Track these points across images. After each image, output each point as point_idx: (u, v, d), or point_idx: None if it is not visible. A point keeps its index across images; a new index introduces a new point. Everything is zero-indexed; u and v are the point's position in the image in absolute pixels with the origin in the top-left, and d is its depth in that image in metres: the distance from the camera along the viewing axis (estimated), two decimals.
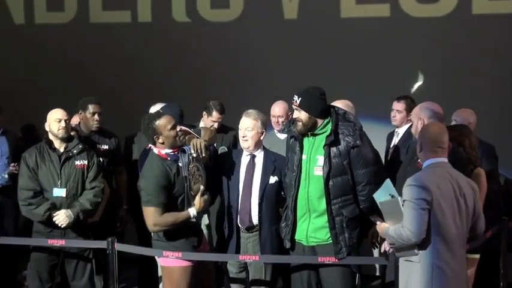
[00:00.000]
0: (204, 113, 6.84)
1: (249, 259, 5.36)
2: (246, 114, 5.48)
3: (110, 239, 5.55)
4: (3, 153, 7.11)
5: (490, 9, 7.79)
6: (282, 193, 5.44)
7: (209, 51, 8.46)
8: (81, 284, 5.90)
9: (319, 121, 5.10)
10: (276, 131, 6.65)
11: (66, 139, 5.83)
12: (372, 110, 7.73)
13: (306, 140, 5.17)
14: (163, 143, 5.08)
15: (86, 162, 5.84)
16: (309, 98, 5.08)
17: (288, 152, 5.29)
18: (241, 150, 5.58)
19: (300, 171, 5.14)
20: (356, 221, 5.10)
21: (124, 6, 8.78)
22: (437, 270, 4.32)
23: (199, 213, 5.16)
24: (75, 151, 5.82)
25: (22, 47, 8.97)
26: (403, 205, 4.34)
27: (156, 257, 5.90)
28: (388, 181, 4.49)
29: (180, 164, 5.12)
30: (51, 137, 5.84)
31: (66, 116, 5.89)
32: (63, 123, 5.79)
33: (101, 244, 5.63)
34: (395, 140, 6.68)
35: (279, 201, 5.45)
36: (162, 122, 5.06)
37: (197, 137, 5.36)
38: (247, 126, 5.42)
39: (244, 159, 5.49)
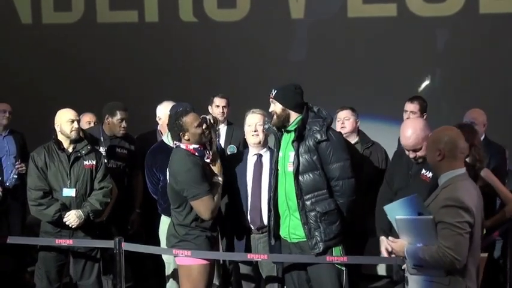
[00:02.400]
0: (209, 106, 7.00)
1: (258, 258, 5.36)
2: (253, 112, 5.53)
3: (117, 239, 5.55)
4: (10, 153, 7.18)
5: (497, 8, 7.77)
6: None
7: (216, 51, 8.47)
8: (88, 283, 5.89)
9: (293, 115, 5.14)
10: None
11: (77, 140, 5.84)
12: (379, 109, 7.73)
13: (284, 137, 5.23)
14: (188, 140, 5.12)
15: (94, 162, 5.83)
16: (283, 90, 5.16)
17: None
18: (247, 151, 5.59)
19: (277, 169, 5.20)
20: (333, 215, 5.07)
21: (131, 6, 8.79)
22: None
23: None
24: (83, 151, 5.82)
25: (29, 47, 8.99)
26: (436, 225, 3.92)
27: (163, 257, 5.93)
28: (414, 197, 4.02)
29: (206, 160, 5.17)
30: (60, 137, 5.82)
31: (78, 116, 5.89)
32: (76, 124, 5.78)
33: (109, 244, 5.65)
34: None
35: None
36: (188, 119, 5.11)
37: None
38: (258, 121, 5.46)
39: (251, 159, 5.50)
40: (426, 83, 7.99)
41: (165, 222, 5.75)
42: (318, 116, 5.14)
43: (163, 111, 6.32)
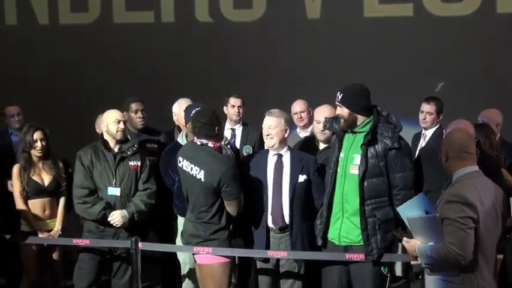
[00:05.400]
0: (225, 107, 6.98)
1: (277, 255, 5.35)
2: (269, 113, 5.49)
3: (133, 239, 5.57)
4: None
5: None
6: None
7: (232, 51, 8.48)
8: (121, 282, 5.94)
9: (360, 118, 5.05)
10: (298, 131, 6.64)
11: (122, 140, 5.88)
12: (395, 110, 7.67)
13: (346, 138, 5.14)
14: (218, 135, 5.24)
15: (139, 163, 5.88)
16: (349, 93, 5.07)
17: (330, 148, 5.30)
18: (267, 151, 5.56)
19: (336, 169, 5.12)
20: (390, 223, 5.02)
21: (147, 7, 8.82)
22: None
23: None
24: (129, 152, 5.87)
25: (46, 47, 9.04)
26: (442, 223, 4.00)
27: (179, 257, 5.94)
28: (421, 196, 4.17)
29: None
30: (106, 137, 5.87)
31: (124, 117, 5.95)
32: (122, 125, 5.84)
33: (125, 244, 5.67)
34: (422, 143, 6.64)
35: (309, 200, 5.42)
36: (218, 115, 5.29)
37: None
38: (271, 124, 5.42)
39: (271, 159, 5.47)
40: (441, 84, 7.94)
41: (182, 223, 5.74)
42: (387, 122, 5.06)
43: (179, 108, 6.35)
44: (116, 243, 5.82)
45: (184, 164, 5.28)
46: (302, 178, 5.36)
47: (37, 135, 6.01)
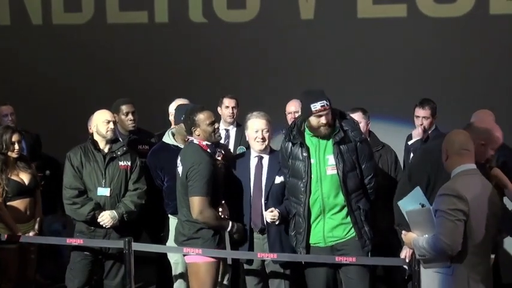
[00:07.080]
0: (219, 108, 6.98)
1: (267, 257, 5.36)
2: (257, 116, 5.47)
3: (126, 239, 5.56)
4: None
5: (507, 9, 7.73)
6: None
7: (225, 52, 8.47)
8: (113, 284, 5.97)
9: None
10: None
11: (113, 140, 5.87)
12: (389, 111, 7.71)
13: (309, 144, 5.18)
14: (199, 135, 5.23)
15: (129, 163, 5.89)
16: (329, 99, 5.15)
17: (288, 160, 5.24)
18: (248, 153, 5.56)
19: (310, 176, 5.12)
20: (369, 214, 5.16)
21: (141, 7, 8.80)
22: (473, 283, 4.16)
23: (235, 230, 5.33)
24: (119, 152, 5.88)
25: (39, 48, 9.02)
26: (435, 215, 4.16)
27: (169, 257, 5.94)
28: (418, 189, 4.30)
29: (218, 158, 5.33)
30: (96, 137, 5.88)
31: (114, 117, 5.95)
32: (111, 125, 5.86)
33: (118, 244, 5.66)
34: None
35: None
36: (202, 116, 5.24)
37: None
38: (264, 127, 5.43)
39: (253, 161, 5.49)
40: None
41: (173, 223, 5.75)
42: (343, 117, 5.23)
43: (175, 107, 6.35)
44: (110, 244, 5.82)
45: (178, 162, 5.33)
46: (279, 179, 5.38)
47: (15, 137, 5.97)
